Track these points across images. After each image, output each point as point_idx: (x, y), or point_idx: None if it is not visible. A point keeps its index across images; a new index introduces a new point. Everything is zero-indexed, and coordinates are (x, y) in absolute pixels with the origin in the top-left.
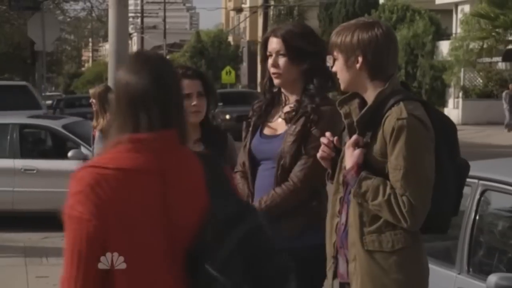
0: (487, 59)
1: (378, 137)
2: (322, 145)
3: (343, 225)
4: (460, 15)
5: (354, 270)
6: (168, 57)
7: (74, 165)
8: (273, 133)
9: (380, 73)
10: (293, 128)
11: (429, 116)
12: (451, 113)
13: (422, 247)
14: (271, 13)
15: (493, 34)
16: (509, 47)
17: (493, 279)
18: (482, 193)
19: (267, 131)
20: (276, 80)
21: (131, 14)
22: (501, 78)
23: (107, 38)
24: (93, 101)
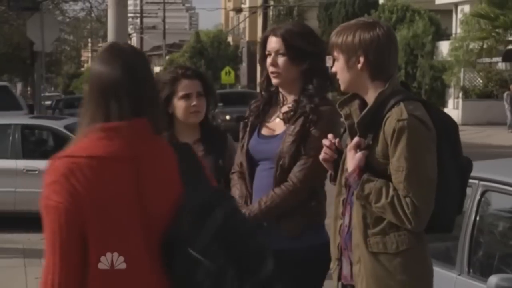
0: (487, 60)
1: (379, 138)
2: (324, 147)
3: (347, 227)
4: (460, 15)
5: (358, 272)
6: (167, 57)
7: None
8: (271, 133)
9: (381, 73)
10: (292, 128)
11: (430, 116)
12: (451, 113)
13: (427, 248)
14: (270, 13)
15: (493, 34)
16: (509, 47)
17: (493, 280)
18: (483, 193)
19: (265, 131)
20: (274, 80)
21: (131, 14)
22: (501, 78)
23: (106, 39)
24: None
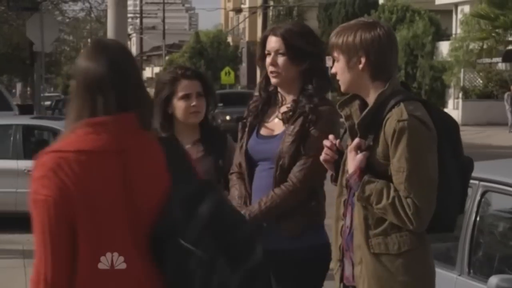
0: (487, 60)
1: (380, 139)
2: (325, 148)
3: (348, 227)
4: (460, 15)
5: (360, 273)
6: (167, 57)
7: None
8: (270, 133)
9: (381, 73)
10: (291, 128)
11: (430, 116)
12: (451, 113)
13: (429, 248)
14: (270, 13)
15: (493, 34)
16: (509, 47)
17: (494, 280)
18: (483, 194)
19: (264, 131)
20: (273, 79)
21: (130, 15)
22: (501, 78)
23: None
24: None
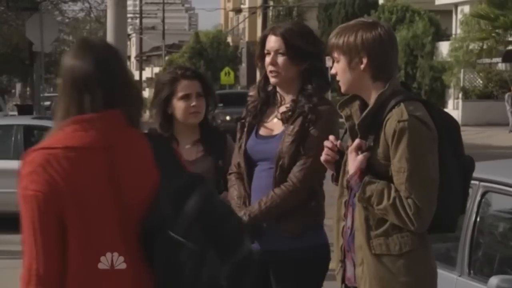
0: (487, 60)
1: (380, 140)
2: (326, 149)
3: (349, 228)
4: (460, 15)
5: (361, 274)
6: (167, 58)
7: None
8: (269, 133)
9: (382, 73)
10: (291, 128)
11: (431, 116)
12: (450, 114)
13: (430, 249)
14: (270, 13)
15: (493, 34)
16: (509, 48)
17: (494, 281)
18: (483, 194)
19: (263, 131)
20: (273, 79)
21: (130, 15)
22: (501, 79)
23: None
24: None
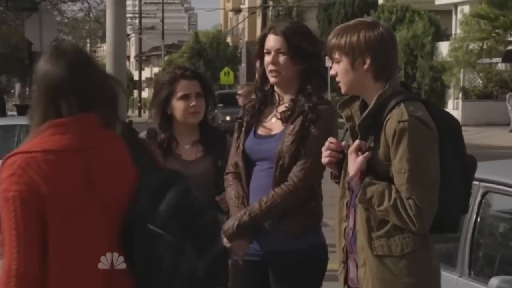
0: (486, 60)
1: (381, 140)
2: (329, 151)
3: (351, 229)
4: (459, 15)
5: (364, 275)
6: (166, 58)
7: None
8: (267, 133)
9: (384, 73)
10: (291, 127)
11: (431, 116)
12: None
13: (432, 249)
14: (269, 13)
15: (492, 35)
16: (509, 48)
17: (494, 282)
18: (484, 195)
19: (261, 131)
20: (273, 78)
21: (129, 15)
22: (501, 79)
23: (105, 39)
24: None
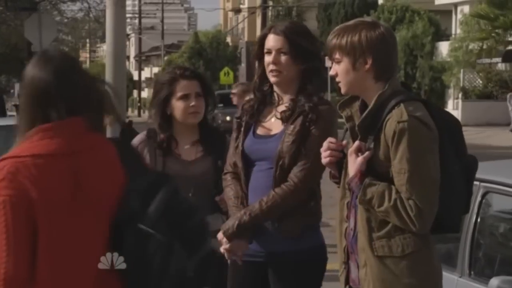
0: (486, 60)
1: (381, 141)
2: (329, 151)
3: (352, 230)
4: (459, 15)
5: (365, 276)
6: (166, 58)
7: None
8: (267, 133)
9: (385, 73)
10: (291, 128)
11: (431, 116)
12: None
13: (433, 250)
14: (269, 13)
15: (492, 35)
16: (509, 48)
17: (495, 282)
18: (484, 195)
19: (260, 131)
20: (274, 78)
21: (129, 15)
22: (501, 79)
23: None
24: None
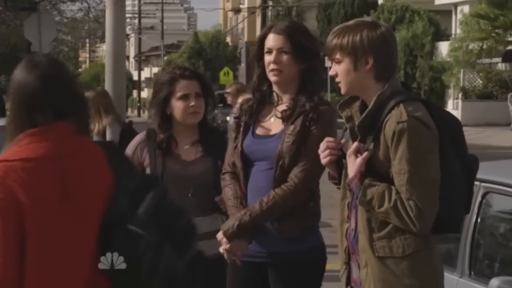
0: (486, 60)
1: (380, 141)
2: (328, 150)
3: (353, 230)
4: (459, 15)
5: (366, 276)
6: (165, 58)
7: None
8: (266, 133)
9: (385, 73)
10: (291, 128)
11: (431, 116)
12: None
13: (434, 250)
14: (269, 13)
15: (492, 35)
16: (509, 48)
17: (495, 282)
18: (484, 195)
19: (260, 131)
20: (274, 78)
21: (129, 15)
22: (501, 79)
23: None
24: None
